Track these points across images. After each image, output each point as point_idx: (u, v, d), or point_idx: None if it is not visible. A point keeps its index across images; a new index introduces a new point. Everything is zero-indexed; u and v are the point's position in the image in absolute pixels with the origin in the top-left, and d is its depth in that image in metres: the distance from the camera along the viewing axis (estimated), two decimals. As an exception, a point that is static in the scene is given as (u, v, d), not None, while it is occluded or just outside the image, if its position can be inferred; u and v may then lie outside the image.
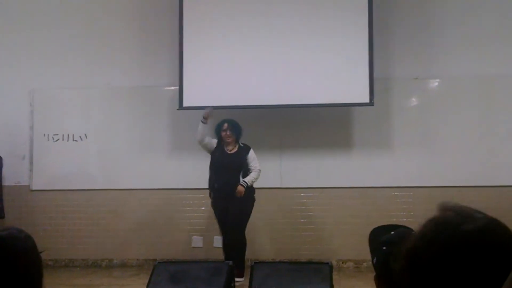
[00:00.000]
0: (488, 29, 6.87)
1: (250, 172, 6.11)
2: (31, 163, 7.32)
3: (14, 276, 1.32)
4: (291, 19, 6.66)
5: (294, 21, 6.66)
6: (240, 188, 6.00)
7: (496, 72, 6.81)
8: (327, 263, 4.87)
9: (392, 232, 1.68)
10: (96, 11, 7.43)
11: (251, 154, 6.17)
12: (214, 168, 6.14)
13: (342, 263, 6.83)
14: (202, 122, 6.13)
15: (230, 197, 5.99)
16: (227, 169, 6.04)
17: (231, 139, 6.14)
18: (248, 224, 6.14)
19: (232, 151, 6.15)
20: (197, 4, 6.85)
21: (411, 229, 1.68)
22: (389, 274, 1.59)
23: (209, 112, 6.16)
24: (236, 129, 6.17)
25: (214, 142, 6.21)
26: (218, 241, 6.64)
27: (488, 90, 6.86)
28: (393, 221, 6.05)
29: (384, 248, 1.63)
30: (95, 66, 7.34)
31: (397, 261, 0.99)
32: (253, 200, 6.15)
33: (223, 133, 6.12)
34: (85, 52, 7.36)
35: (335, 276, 4.89)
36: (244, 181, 6.03)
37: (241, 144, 6.20)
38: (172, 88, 7.03)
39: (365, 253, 2.39)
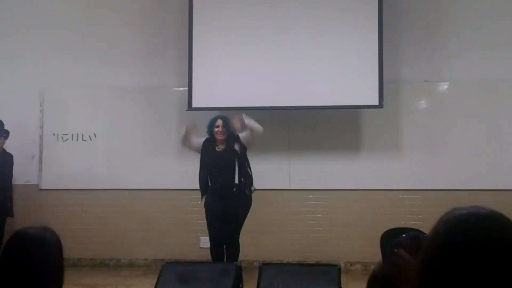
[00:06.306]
0: (498, 33, 6.84)
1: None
2: (40, 162, 7.36)
3: (34, 271, 1.33)
4: (301, 20, 6.66)
5: (304, 22, 6.65)
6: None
7: (506, 76, 6.78)
8: (335, 265, 4.86)
9: (404, 235, 1.68)
10: (106, 11, 7.47)
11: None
12: (208, 168, 5.87)
13: (350, 265, 6.82)
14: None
15: (226, 198, 5.74)
16: (218, 168, 5.79)
17: (223, 137, 5.85)
18: (256, 225, 6.11)
19: (221, 149, 5.87)
20: (206, 5, 6.86)
21: (423, 233, 1.67)
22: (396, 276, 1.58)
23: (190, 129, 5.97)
24: (229, 126, 5.86)
25: (200, 141, 5.98)
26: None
27: (497, 93, 6.82)
28: (402, 224, 6.03)
29: (395, 250, 1.62)
30: (104, 66, 7.37)
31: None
32: (250, 202, 5.84)
33: (216, 130, 5.85)
34: (95, 52, 7.40)
35: (343, 278, 4.87)
36: (245, 192, 5.76)
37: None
38: (181, 88, 7.04)
39: (373, 256, 2.39)
